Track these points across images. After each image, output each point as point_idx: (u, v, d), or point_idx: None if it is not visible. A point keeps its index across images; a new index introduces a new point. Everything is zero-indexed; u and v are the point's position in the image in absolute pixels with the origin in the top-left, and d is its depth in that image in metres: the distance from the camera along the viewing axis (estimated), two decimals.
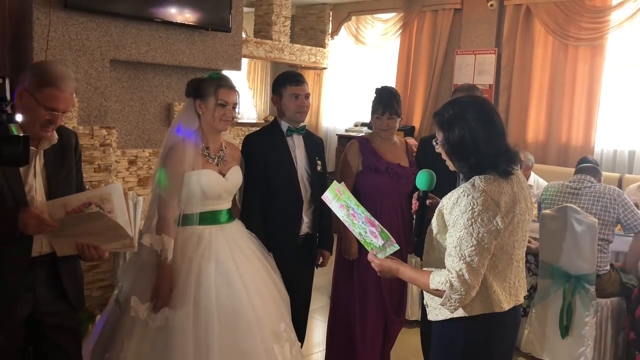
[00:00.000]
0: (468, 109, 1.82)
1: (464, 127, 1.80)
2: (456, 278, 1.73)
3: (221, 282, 2.33)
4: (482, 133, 1.79)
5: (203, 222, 2.44)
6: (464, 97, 1.96)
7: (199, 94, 2.44)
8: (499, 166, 1.81)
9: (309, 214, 2.91)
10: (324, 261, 3.07)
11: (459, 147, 1.82)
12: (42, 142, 2.03)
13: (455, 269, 1.74)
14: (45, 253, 2.04)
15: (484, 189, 1.77)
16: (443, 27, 6.81)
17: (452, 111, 1.85)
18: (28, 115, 1.93)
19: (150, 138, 4.24)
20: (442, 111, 1.88)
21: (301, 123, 2.94)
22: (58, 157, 2.10)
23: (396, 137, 3.17)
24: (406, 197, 3.08)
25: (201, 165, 2.42)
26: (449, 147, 1.85)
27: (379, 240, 1.87)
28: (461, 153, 1.83)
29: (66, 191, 2.08)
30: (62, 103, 1.97)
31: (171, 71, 4.29)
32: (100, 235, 2.03)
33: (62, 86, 1.96)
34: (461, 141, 1.81)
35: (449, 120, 1.84)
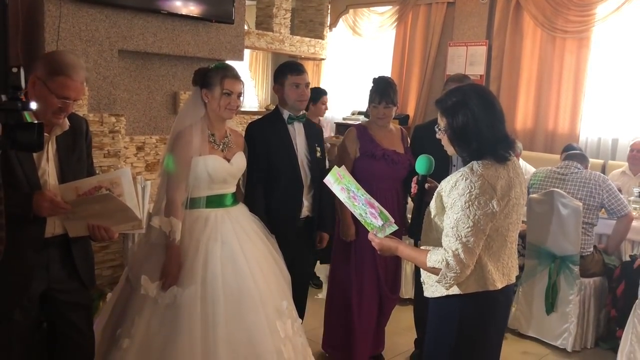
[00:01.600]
0: (471, 96, 1.80)
1: (467, 114, 1.79)
2: (452, 257, 1.73)
3: (227, 262, 2.33)
4: (484, 119, 1.78)
5: (209, 205, 2.43)
6: (466, 85, 1.94)
7: (205, 83, 2.43)
8: (498, 152, 1.80)
9: (309, 198, 2.91)
10: (322, 242, 3.07)
11: (462, 132, 1.81)
12: (54, 129, 2.02)
13: (452, 248, 1.74)
14: (58, 234, 2.04)
15: (481, 173, 1.76)
16: (436, 20, 6.77)
17: (455, 98, 1.83)
18: (40, 102, 1.92)
19: (157, 125, 4.22)
20: (445, 98, 1.86)
21: (302, 111, 2.93)
22: (69, 143, 2.09)
23: (392, 125, 3.16)
24: (401, 182, 3.09)
25: (207, 151, 2.41)
26: (452, 133, 1.83)
27: (379, 220, 1.88)
28: (464, 138, 1.81)
29: (77, 175, 2.08)
30: (73, 91, 1.96)
31: (177, 61, 4.26)
32: (110, 217, 2.03)
33: (73, 75, 1.95)
34: (465, 127, 1.79)
35: (453, 106, 1.82)
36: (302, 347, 2.51)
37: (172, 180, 2.37)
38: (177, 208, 2.34)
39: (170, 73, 4.26)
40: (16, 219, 1.85)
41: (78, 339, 2.15)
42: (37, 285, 2.02)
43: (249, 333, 2.26)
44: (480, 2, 6.37)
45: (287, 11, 7.16)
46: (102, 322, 2.43)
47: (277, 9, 6.99)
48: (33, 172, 1.95)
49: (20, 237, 1.92)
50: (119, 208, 1.99)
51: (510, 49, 6.18)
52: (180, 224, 2.32)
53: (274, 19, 6.98)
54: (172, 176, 2.37)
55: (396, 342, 3.49)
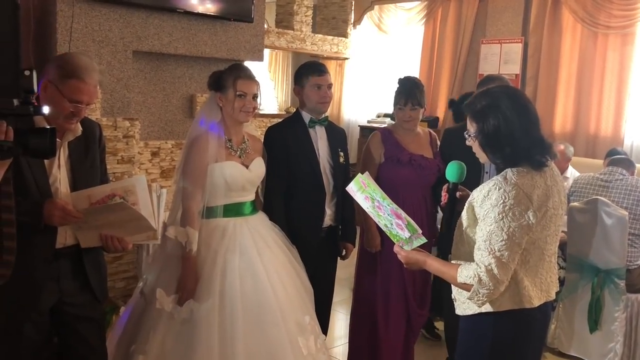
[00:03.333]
0: (502, 98, 1.79)
1: (498, 117, 1.77)
2: (485, 272, 1.72)
3: (245, 274, 2.35)
4: (517, 122, 1.77)
5: (227, 214, 2.46)
6: (496, 87, 1.93)
7: (219, 86, 2.47)
8: (534, 158, 1.78)
9: (331, 206, 2.91)
10: (346, 253, 3.07)
11: (494, 137, 1.79)
12: (66, 134, 2.05)
13: (484, 263, 1.73)
14: (70, 245, 2.07)
15: (516, 182, 1.75)
16: (468, 15, 6.72)
17: (485, 101, 1.82)
18: (52, 107, 1.92)
19: (172, 129, 4.26)
20: (475, 102, 1.85)
21: (323, 114, 2.94)
22: (82, 149, 2.12)
23: (420, 128, 3.15)
24: (429, 188, 3.07)
25: (224, 157, 2.44)
26: (483, 138, 1.82)
27: (405, 232, 1.87)
28: (496, 144, 1.80)
29: (90, 182, 2.10)
30: (85, 95, 1.99)
31: (193, 62, 4.30)
32: (123, 226, 2.05)
33: (86, 78, 1.98)
34: (496, 131, 1.78)
35: (483, 110, 1.81)
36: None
37: (188, 188, 2.39)
38: (194, 217, 2.36)
39: (186, 75, 4.30)
40: (26, 228, 1.87)
41: (89, 354, 2.18)
42: (48, 299, 2.04)
43: (270, 349, 2.27)
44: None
45: (308, 8, 7.19)
46: (116, 337, 2.45)
47: (298, 6, 7.03)
48: (44, 180, 1.98)
49: (30, 248, 1.94)
50: (133, 217, 2.01)
51: (548, 46, 6.11)
52: (196, 234, 2.34)
53: (295, 17, 7.02)
54: (187, 184, 2.40)
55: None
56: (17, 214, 1.76)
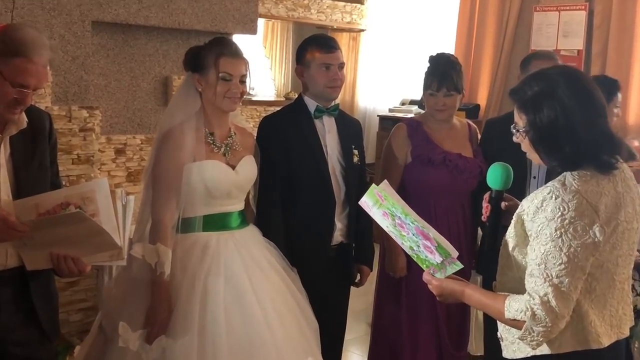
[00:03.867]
0: (560, 83, 1.79)
1: (555, 107, 1.77)
2: (540, 305, 1.71)
3: (232, 304, 2.35)
4: (579, 114, 1.77)
5: (208, 227, 2.47)
6: (552, 68, 1.92)
7: (198, 66, 2.48)
8: (600, 158, 1.78)
9: (343, 219, 2.92)
10: (362, 279, 3.08)
11: (549, 132, 1.79)
12: (8, 127, 2.06)
13: (539, 293, 1.72)
14: (12, 267, 2.06)
15: (577, 189, 1.75)
16: None
17: (537, 87, 1.82)
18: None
19: (142, 121, 4.28)
20: (524, 87, 1.85)
21: (333, 101, 2.94)
22: (28, 146, 2.12)
23: (456, 119, 3.16)
24: (468, 196, 3.08)
25: (205, 155, 2.46)
26: (535, 134, 1.82)
27: (436, 256, 1.87)
28: (552, 141, 1.80)
29: (38, 187, 2.10)
30: (33, 77, 1.99)
31: (169, 36, 4.32)
32: (80, 243, 2.05)
33: (33, 56, 1.98)
34: (552, 125, 1.78)
35: (535, 98, 1.81)
36: None
37: (159, 195, 2.41)
38: (166, 232, 2.37)
39: (160, 52, 4.32)
40: None
41: None
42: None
43: None
44: None
45: None
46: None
47: None
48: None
49: None
50: (92, 232, 2.01)
51: (619, 14, 6.08)
52: (170, 253, 2.35)
53: None
54: (158, 189, 2.40)
55: None
56: None
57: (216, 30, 4.28)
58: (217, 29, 4.30)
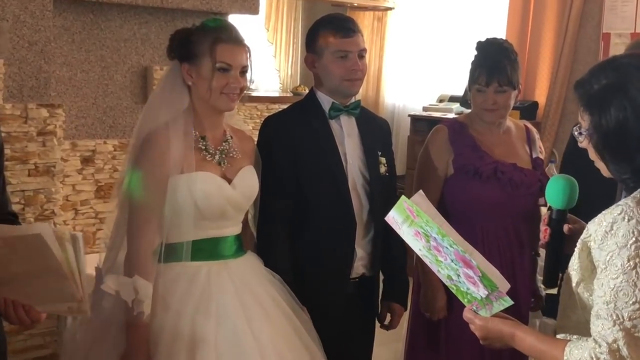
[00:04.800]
0: (632, 76, 1.79)
1: (625, 106, 1.77)
2: (608, 354, 1.71)
3: (226, 351, 2.35)
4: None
5: (198, 255, 2.47)
6: (625, 57, 1.92)
7: (187, 54, 2.49)
8: None
9: (365, 245, 2.93)
10: (393, 320, 3.09)
11: (616, 137, 1.80)
12: None
13: (607, 339, 1.72)
14: None
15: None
16: None
17: (605, 80, 1.82)
18: None
19: (115, 122, 4.31)
20: (590, 80, 1.85)
21: (353, 97, 2.96)
22: None
23: (511, 121, 3.16)
24: (526, 217, 3.07)
25: (195, 165, 2.46)
26: (600, 139, 1.83)
27: (481, 289, 1.87)
28: (621, 148, 1.80)
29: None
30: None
31: (149, 16, 4.36)
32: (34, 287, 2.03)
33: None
34: (621, 128, 1.78)
35: (602, 94, 1.81)
36: None
37: (137, 215, 2.41)
38: (145, 262, 2.38)
39: (137, 36, 4.36)
40: None
41: None
42: None
43: None
44: None
45: None
46: None
47: None
48: None
49: None
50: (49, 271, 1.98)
51: None
52: (150, 288, 2.35)
53: None
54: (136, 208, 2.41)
55: None
56: None
57: (208, 10, 4.32)
58: (210, 8, 4.34)
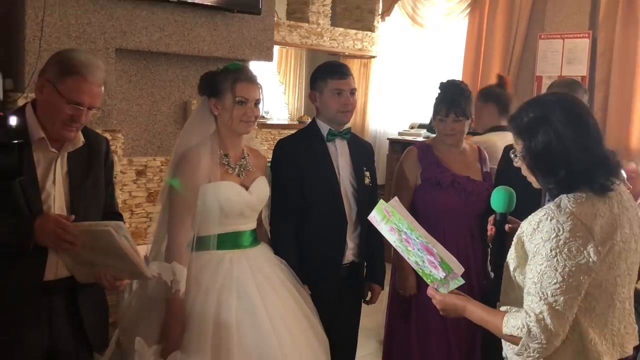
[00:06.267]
0: (554, 109, 1.80)
1: (549, 132, 1.78)
2: (535, 323, 1.71)
3: (244, 321, 2.35)
4: (573, 139, 1.77)
5: (222, 246, 2.47)
6: (546, 95, 1.93)
7: (214, 90, 2.49)
8: (595, 180, 1.78)
9: (354, 238, 2.91)
10: (373, 297, 3.06)
11: (543, 157, 1.81)
12: (65, 145, 2.11)
13: (535, 311, 1.72)
14: (62, 277, 2.09)
15: (572, 210, 1.75)
16: (523, 5, 6.73)
17: (532, 113, 1.83)
18: (49, 110, 2.03)
19: (162, 144, 4.30)
20: (520, 114, 1.87)
21: (345, 125, 2.95)
22: (84, 164, 2.18)
23: (466, 144, 3.15)
24: (477, 218, 3.06)
25: (219, 176, 2.46)
26: (531, 159, 1.84)
27: (440, 271, 1.88)
28: (547, 165, 1.81)
29: (91, 205, 2.17)
30: (87, 95, 2.04)
31: (189, 62, 4.35)
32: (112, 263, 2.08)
33: (87, 75, 2.03)
34: (547, 150, 1.79)
35: (530, 124, 1.82)
36: None
37: (175, 214, 2.41)
38: (181, 251, 2.38)
39: (180, 77, 4.35)
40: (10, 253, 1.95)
41: None
42: (37, 344, 2.07)
43: None
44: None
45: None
46: None
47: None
48: (35, 196, 2.03)
49: (14, 279, 1.99)
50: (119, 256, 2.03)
51: (622, 42, 6.07)
52: (185, 271, 2.35)
53: (311, 7, 7.10)
54: (175, 210, 2.41)
55: None
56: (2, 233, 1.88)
57: (233, 57, 4.31)
58: (235, 56, 4.33)
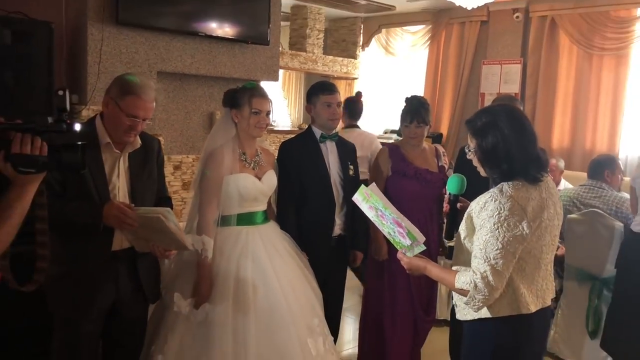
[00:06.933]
0: (501, 117, 1.79)
1: (497, 135, 1.77)
2: (480, 279, 1.71)
3: (258, 279, 2.34)
4: (514, 140, 1.76)
5: (240, 222, 2.45)
6: (495, 105, 1.92)
7: (235, 103, 2.47)
8: (529, 173, 1.77)
9: (341, 216, 2.89)
10: (356, 261, 3.05)
11: (491, 154, 1.79)
12: (126, 147, 2.12)
13: (480, 270, 1.72)
14: (125, 248, 2.12)
15: (511, 194, 1.74)
16: (470, 38, 6.73)
17: (485, 119, 1.82)
18: (112, 121, 2.06)
19: (193, 145, 4.29)
20: (475, 119, 1.85)
21: (333, 130, 2.93)
22: (141, 161, 2.18)
23: (426, 143, 3.13)
24: (435, 201, 3.05)
25: (239, 169, 2.45)
26: (481, 154, 1.82)
27: (407, 240, 1.87)
28: (493, 160, 1.80)
29: (147, 192, 2.18)
30: (141, 110, 2.05)
31: (213, 82, 4.34)
32: (162, 239, 2.08)
33: (142, 95, 2.04)
34: (494, 148, 1.78)
35: (483, 127, 1.81)
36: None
37: (205, 199, 2.40)
38: (209, 226, 2.36)
39: (207, 94, 4.34)
40: (86, 230, 1.98)
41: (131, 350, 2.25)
42: (106, 297, 2.10)
43: (280, 350, 2.26)
44: (515, 19, 6.30)
45: (320, 31, 7.24)
46: None
47: (310, 30, 7.08)
48: (104, 186, 2.05)
49: (89, 249, 2.03)
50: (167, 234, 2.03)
51: (545, 66, 6.09)
52: (212, 242, 2.34)
53: (307, 40, 7.07)
54: (204, 195, 2.40)
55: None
56: (79, 215, 1.92)
57: (248, 78, 4.31)
58: (249, 77, 4.33)
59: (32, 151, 1.26)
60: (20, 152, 1.25)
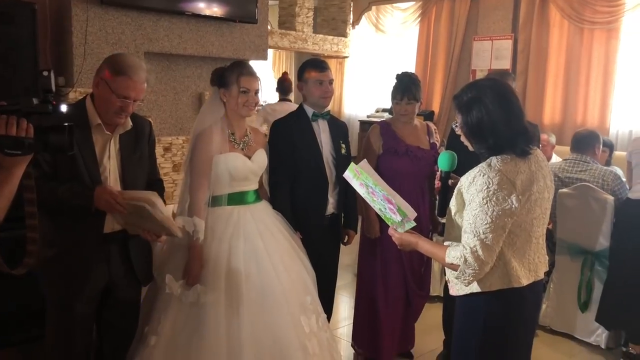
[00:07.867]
0: (486, 92, 1.78)
1: (481, 110, 1.76)
2: (470, 254, 1.71)
3: (249, 259, 2.34)
4: (499, 115, 1.75)
5: (231, 202, 2.44)
6: (482, 80, 1.91)
7: (223, 82, 2.43)
8: (517, 146, 1.77)
9: (334, 195, 2.88)
10: (349, 240, 3.05)
11: (477, 129, 1.79)
12: (117, 128, 2.10)
13: (470, 245, 1.72)
14: (118, 230, 2.12)
15: (499, 168, 1.73)
16: (460, 15, 6.68)
17: (470, 94, 1.81)
18: (103, 102, 2.03)
19: (183, 126, 4.26)
20: (461, 94, 1.84)
21: (325, 108, 2.91)
22: (132, 142, 2.16)
23: (417, 121, 3.12)
24: (426, 178, 3.05)
25: (228, 149, 2.42)
26: (467, 129, 1.82)
27: (397, 216, 1.87)
28: (479, 135, 1.79)
29: (138, 173, 2.17)
30: (132, 91, 2.02)
31: (202, 62, 4.29)
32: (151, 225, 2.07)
33: (133, 75, 2.01)
34: (479, 123, 1.77)
35: (468, 103, 1.80)
36: (328, 342, 2.49)
37: (195, 179, 2.38)
38: (200, 207, 2.35)
39: (195, 74, 4.29)
40: (78, 212, 1.97)
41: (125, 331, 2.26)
42: (99, 279, 2.11)
43: (273, 328, 2.27)
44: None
45: (309, 10, 7.16)
46: None
47: (299, 8, 7.01)
48: (94, 168, 2.03)
49: (81, 231, 2.03)
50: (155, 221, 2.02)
51: (536, 42, 6.07)
52: (203, 224, 2.33)
53: (297, 18, 6.99)
54: (194, 176, 2.39)
55: (425, 340, 3.44)
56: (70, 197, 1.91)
57: (237, 58, 4.25)
58: (238, 57, 4.27)
59: (17, 133, 1.24)
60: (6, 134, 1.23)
